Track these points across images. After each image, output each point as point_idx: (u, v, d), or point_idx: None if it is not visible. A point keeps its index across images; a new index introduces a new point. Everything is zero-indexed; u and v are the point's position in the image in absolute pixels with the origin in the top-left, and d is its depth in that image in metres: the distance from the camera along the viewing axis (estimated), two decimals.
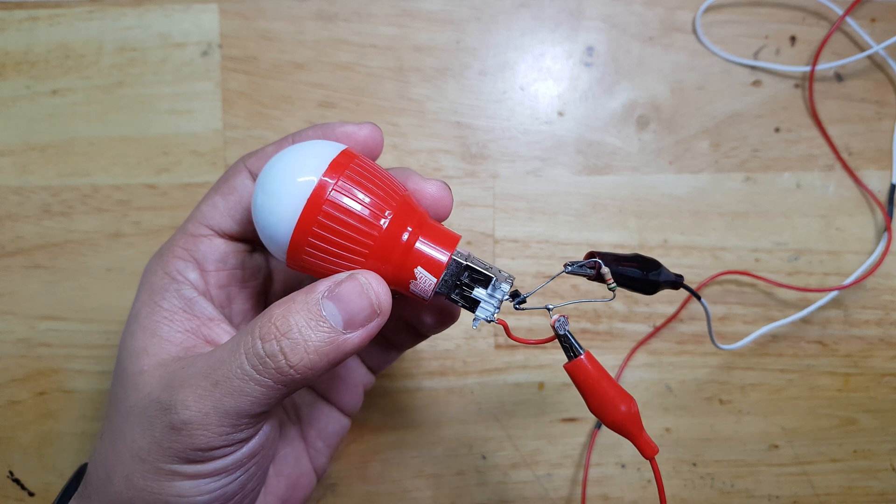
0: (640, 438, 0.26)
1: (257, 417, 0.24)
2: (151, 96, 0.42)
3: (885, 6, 0.42)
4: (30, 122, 0.42)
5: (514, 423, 0.42)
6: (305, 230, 0.24)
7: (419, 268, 0.25)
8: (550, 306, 0.26)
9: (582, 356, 0.26)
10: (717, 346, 0.38)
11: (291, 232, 0.24)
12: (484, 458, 0.42)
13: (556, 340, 0.26)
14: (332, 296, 0.24)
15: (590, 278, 0.27)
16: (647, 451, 0.26)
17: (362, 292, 0.24)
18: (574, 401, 0.42)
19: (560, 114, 0.42)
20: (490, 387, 0.42)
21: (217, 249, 0.28)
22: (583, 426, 0.42)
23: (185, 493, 0.25)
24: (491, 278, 0.26)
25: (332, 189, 0.24)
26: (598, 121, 0.42)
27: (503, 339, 0.42)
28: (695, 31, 0.42)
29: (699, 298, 0.32)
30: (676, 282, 0.30)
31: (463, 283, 0.26)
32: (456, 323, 0.42)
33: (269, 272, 0.32)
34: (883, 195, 0.42)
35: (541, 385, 0.42)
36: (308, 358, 0.23)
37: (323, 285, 0.24)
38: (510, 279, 0.26)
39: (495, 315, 0.26)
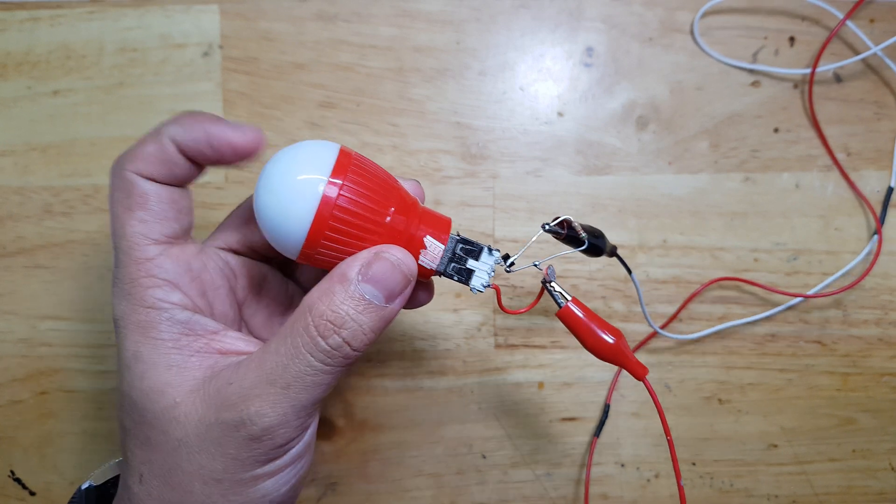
0: (630, 363, 0.29)
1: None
2: (152, 97, 0.42)
3: (885, 7, 0.42)
4: (31, 122, 0.42)
5: (514, 423, 0.42)
6: (320, 231, 0.25)
7: (428, 237, 0.27)
8: (536, 262, 0.30)
9: (569, 301, 0.29)
10: (655, 329, 0.40)
11: (306, 233, 0.25)
12: (484, 457, 0.42)
13: (544, 294, 0.29)
14: (368, 279, 0.25)
15: (560, 238, 0.30)
16: (639, 372, 0.29)
17: (394, 268, 0.26)
18: (574, 400, 0.42)
19: (560, 114, 0.42)
20: (490, 386, 0.42)
21: (179, 260, 0.27)
22: (582, 426, 0.42)
23: (269, 492, 0.26)
24: (482, 248, 0.28)
25: (340, 192, 0.25)
26: (597, 121, 0.42)
27: (503, 338, 0.42)
28: (693, 37, 0.42)
29: (630, 272, 0.36)
30: (612, 252, 0.34)
31: (457, 255, 0.28)
32: (456, 322, 0.42)
33: (231, 270, 0.30)
34: (881, 195, 0.42)
35: (541, 384, 0.42)
36: (367, 338, 0.25)
37: (353, 270, 0.25)
38: (494, 248, 0.29)
39: (490, 281, 0.28)
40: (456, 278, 0.28)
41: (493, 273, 0.28)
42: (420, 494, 0.42)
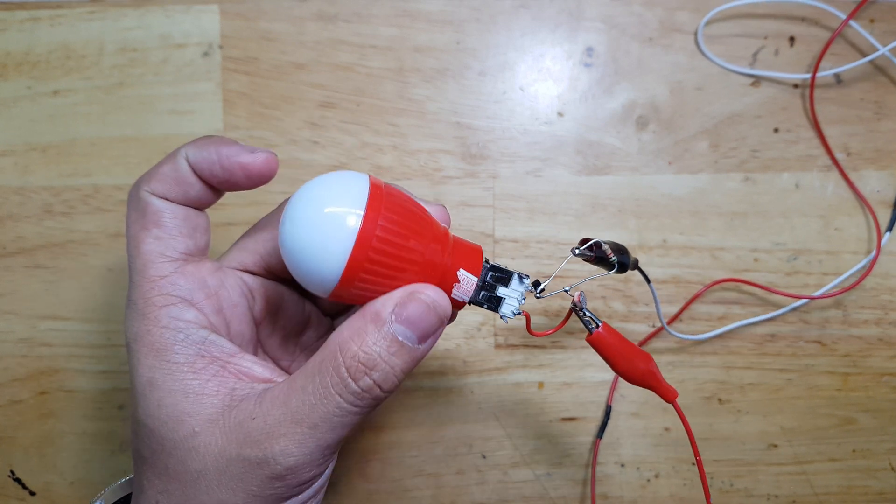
0: (660, 387, 0.30)
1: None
2: (152, 97, 0.42)
3: (885, 7, 0.42)
4: (31, 122, 0.42)
5: (514, 423, 0.42)
6: (356, 269, 0.24)
7: (461, 270, 0.26)
8: (567, 288, 0.29)
9: (600, 327, 0.28)
10: (671, 333, 0.40)
11: (341, 271, 0.24)
12: (484, 457, 0.42)
13: (573, 317, 0.29)
14: (402, 320, 0.25)
15: (588, 260, 0.30)
16: (669, 395, 0.30)
17: (429, 310, 0.25)
18: (574, 400, 0.42)
19: (560, 114, 0.42)
20: (490, 386, 0.42)
21: (194, 277, 0.27)
22: (583, 426, 0.42)
23: None
24: (513, 275, 0.28)
25: (377, 228, 0.24)
26: (597, 121, 0.42)
27: (503, 338, 0.42)
28: (697, 43, 0.42)
29: (649, 281, 0.36)
30: (635, 265, 0.34)
31: (487, 283, 0.27)
32: (456, 322, 0.42)
33: (249, 290, 0.30)
34: (882, 195, 0.42)
35: (541, 384, 0.42)
36: (397, 379, 0.25)
37: (386, 309, 0.25)
38: (525, 274, 0.28)
39: (520, 308, 0.28)
40: (486, 306, 0.27)
41: (523, 300, 0.28)
42: (420, 494, 0.42)
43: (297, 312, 0.31)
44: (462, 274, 0.26)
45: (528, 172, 0.42)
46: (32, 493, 0.42)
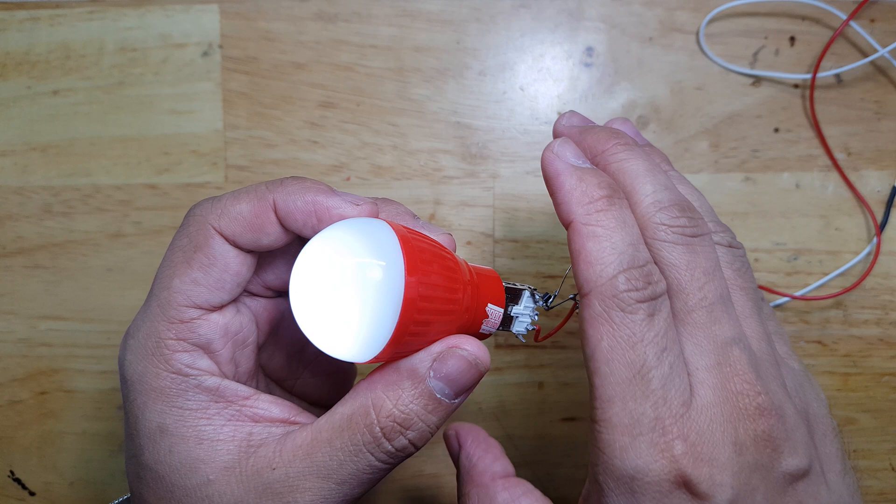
0: None
1: None
2: (152, 96, 0.42)
3: (885, 7, 0.42)
4: (31, 122, 0.42)
5: (514, 423, 0.42)
6: (402, 332, 0.22)
7: (490, 305, 0.25)
8: (574, 295, 0.28)
9: None
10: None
11: (387, 339, 0.21)
12: None
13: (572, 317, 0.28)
14: (442, 377, 0.23)
15: None
16: None
17: (471, 366, 0.24)
18: (574, 400, 0.42)
19: (560, 114, 0.42)
20: (490, 387, 0.42)
21: (217, 326, 0.25)
22: (582, 426, 0.42)
23: None
24: (524, 292, 0.27)
25: (420, 284, 0.21)
26: (597, 121, 0.42)
27: (503, 338, 0.42)
28: (699, 44, 0.42)
29: None
30: None
31: None
32: None
33: (255, 318, 0.29)
34: (882, 195, 0.42)
35: (541, 385, 0.42)
36: (431, 436, 0.24)
37: (424, 365, 0.23)
38: (534, 288, 0.27)
39: (532, 324, 0.27)
40: (500, 328, 0.27)
41: (536, 316, 0.27)
42: (420, 495, 0.42)
43: (298, 328, 0.31)
44: (491, 309, 0.25)
45: (528, 172, 0.42)
46: (32, 494, 0.42)
